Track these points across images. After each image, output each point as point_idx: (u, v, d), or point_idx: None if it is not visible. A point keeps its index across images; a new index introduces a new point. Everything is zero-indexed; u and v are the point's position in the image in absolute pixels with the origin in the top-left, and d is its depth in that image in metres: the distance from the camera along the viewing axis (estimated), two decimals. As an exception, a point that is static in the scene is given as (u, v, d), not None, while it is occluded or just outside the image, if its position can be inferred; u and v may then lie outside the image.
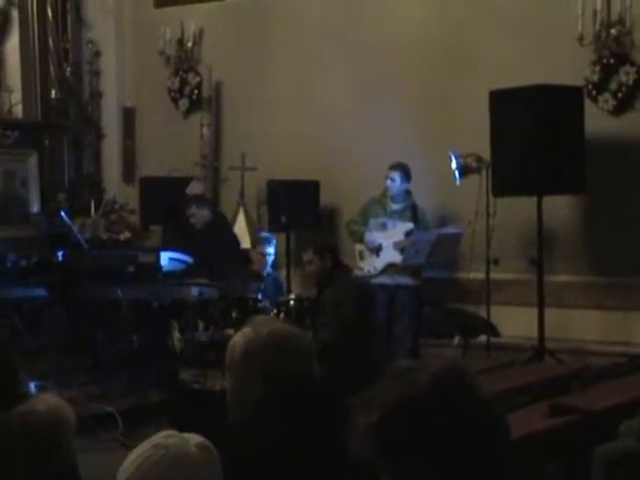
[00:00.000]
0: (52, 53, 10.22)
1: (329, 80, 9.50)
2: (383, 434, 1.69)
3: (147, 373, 7.68)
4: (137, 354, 7.96)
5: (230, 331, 6.66)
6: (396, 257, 8.25)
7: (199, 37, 10.29)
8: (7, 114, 9.94)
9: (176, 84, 10.38)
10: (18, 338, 7.75)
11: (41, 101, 10.22)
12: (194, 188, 9.58)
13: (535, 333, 7.49)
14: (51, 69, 10.23)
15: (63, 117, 10.35)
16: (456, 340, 8.33)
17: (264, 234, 9.05)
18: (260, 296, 7.90)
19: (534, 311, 7.53)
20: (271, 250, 8.85)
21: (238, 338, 2.95)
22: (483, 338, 7.93)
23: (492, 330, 8.08)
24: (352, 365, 6.10)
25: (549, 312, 7.60)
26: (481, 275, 7.83)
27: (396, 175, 8.35)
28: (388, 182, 8.37)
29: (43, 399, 2.92)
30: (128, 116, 10.90)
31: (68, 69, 10.39)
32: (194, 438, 2.15)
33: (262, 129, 9.84)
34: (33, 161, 10.04)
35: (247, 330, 2.95)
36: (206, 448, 2.14)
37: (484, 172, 7.77)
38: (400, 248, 8.23)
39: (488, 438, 1.71)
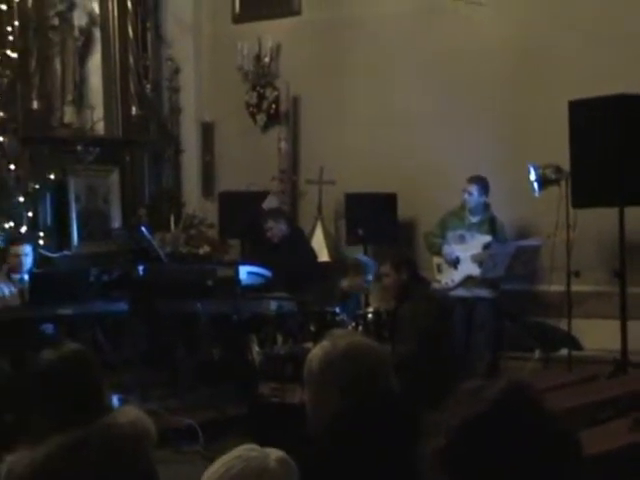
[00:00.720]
0: (133, 71, 10.38)
1: (406, 93, 9.49)
2: (451, 457, 1.68)
3: (227, 386, 7.73)
4: (217, 367, 8.02)
5: (309, 345, 6.67)
6: (474, 270, 8.19)
7: (276, 52, 10.37)
8: (89, 131, 10.11)
9: (254, 99, 10.47)
10: (100, 352, 7.87)
11: (122, 118, 10.39)
12: (270, 202, 9.64)
13: (617, 346, 7.35)
14: (131, 86, 10.40)
15: (143, 133, 10.50)
16: (537, 354, 8.23)
17: (363, 258, 8.68)
18: (338, 310, 7.90)
19: (616, 323, 7.40)
20: (370, 277, 8.55)
21: (316, 351, 2.96)
22: (564, 351, 7.82)
23: (573, 343, 7.97)
24: (430, 378, 6.07)
25: (632, 324, 7.46)
26: (562, 287, 7.72)
27: (474, 188, 8.31)
28: (465, 195, 8.33)
29: (125, 412, 2.96)
30: (207, 131, 11.02)
31: (148, 86, 10.55)
32: (275, 452, 2.16)
33: (339, 142, 9.86)
34: (114, 177, 10.21)
35: (325, 343, 2.96)
36: (286, 463, 2.15)
37: (563, 183, 7.67)
38: (478, 261, 8.17)
39: (556, 454, 1.69)
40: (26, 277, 8.05)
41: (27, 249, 8.17)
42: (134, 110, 10.39)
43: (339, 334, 3.11)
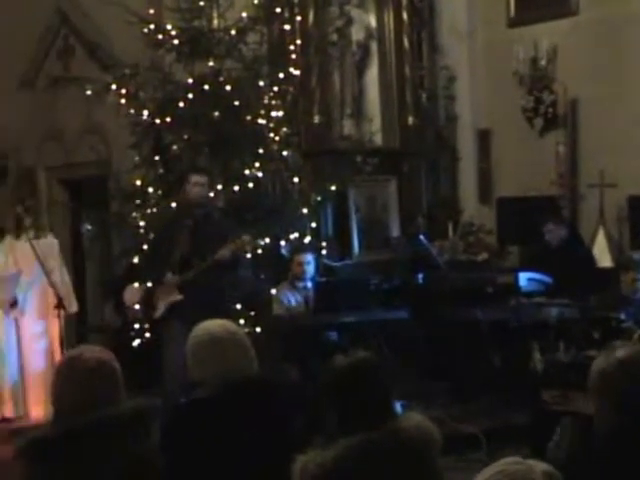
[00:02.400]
0: (409, 81, 10.52)
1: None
2: None
3: (509, 394, 7.67)
4: (498, 375, 7.97)
5: (592, 352, 6.50)
6: None
7: (553, 54, 10.19)
8: (368, 143, 10.34)
9: (530, 103, 10.32)
10: (382, 359, 8.01)
11: (399, 128, 10.55)
12: None
13: None
14: (408, 97, 10.53)
15: (420, 143, 10.61)
16: None
17: None
18: (624, 316, 7.64)
19: None
20: None
21: (597, 362, 2.90)
22: None
23: None
24: None
25: None
26: None
27: None
28: None
29: (409, 417, 3.02)
30: (483, 138, 10.98)
31: (424, 95, 10.66)
32: (540, 466, 2.13)
33: (620, 144, 9.56)
34: (392, 187, 10.38)
35: (604, 355, 2.90)
36: (552, 476, 2.11)
37: None
38: None
39: None
40: (309, 285, 8.34)
41: (309, 258, 8.47)
42: (411, 120, 10.52)
43: (618, 346, 3.03)
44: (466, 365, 8.24)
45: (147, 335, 8.36)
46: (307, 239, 9.01)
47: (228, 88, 8.77)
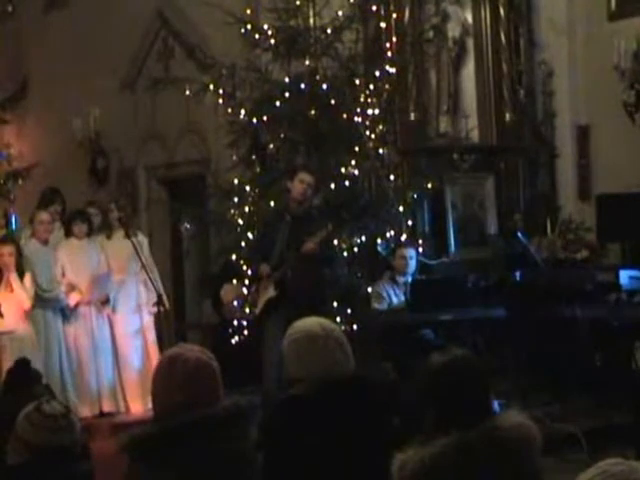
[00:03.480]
0: (506, 77, 10.40)
1: None
2: None
3: (610, 394, 7.54)
4: (599, 374, 7.84)
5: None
6: None
7: (654, 46, 9.98)
8: (464, 140, 10.25)
9: (632, 98, 10.12)
10: (479, 357, 7.94)
11: (496, 125, 10.44)
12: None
13: None
14: (505, 93, 10.42)
15: (517, 139, 10.49)
16: None
17: None
18: None
19: None
20: None
21: None
22: None
23: None
24: None
25: None
26: None
27: None
28: None
29: (508, 416, 2.99)
30: (582, 134, 10.80)
31: (521, 92, 10.52)
32: None
33: None
34: (489, 184, 10.28)
35: None
36: None
37: None
38: None
39: None
40: (410, 280, 8.31)
41: (412, 252, 8.46)
42: (508, 116, 10.40)
43: None
44: (565, 364, 8.12)
45: (245, 332, 8.44)
46: (403, 237, 8.99)
47: (324, 87, 8.81)
